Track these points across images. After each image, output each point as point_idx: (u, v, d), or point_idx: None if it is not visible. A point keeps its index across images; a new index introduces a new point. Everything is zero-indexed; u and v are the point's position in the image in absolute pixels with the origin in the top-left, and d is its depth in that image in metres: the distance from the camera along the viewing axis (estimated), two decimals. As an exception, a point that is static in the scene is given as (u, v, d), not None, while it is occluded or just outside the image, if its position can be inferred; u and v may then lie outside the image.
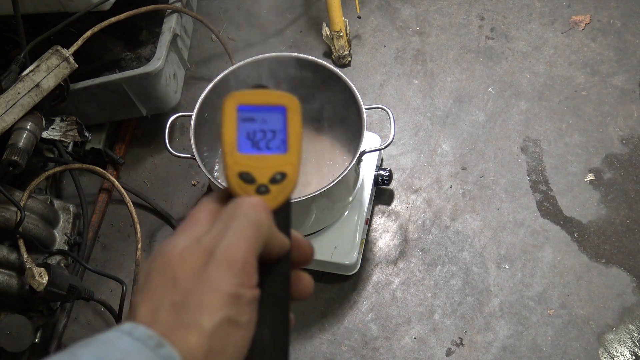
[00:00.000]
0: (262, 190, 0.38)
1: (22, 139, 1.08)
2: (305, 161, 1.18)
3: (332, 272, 1.19)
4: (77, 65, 1.15)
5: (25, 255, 1.10)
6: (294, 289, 0.40)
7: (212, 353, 0.32)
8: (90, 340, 0.31)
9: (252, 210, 0.35)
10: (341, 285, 1.21)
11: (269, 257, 0.37)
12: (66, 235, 1.21)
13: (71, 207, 1.24)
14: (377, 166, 1.22)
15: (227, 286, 0.33)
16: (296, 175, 0.38)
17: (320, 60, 1.11)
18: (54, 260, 1.16)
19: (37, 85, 1.09)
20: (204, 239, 0.35)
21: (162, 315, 0.32)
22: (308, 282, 0.40)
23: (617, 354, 1.10)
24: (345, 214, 1.17)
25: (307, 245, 0.40)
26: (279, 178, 0.38)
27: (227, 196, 0.39)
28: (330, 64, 1.13)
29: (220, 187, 1.04)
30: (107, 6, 1.21)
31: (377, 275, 1.21)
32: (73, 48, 1.16)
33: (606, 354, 1.10)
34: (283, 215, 0.38)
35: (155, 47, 1.28)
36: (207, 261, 0.33)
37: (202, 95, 1.10)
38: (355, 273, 1.19)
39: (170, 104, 1.34)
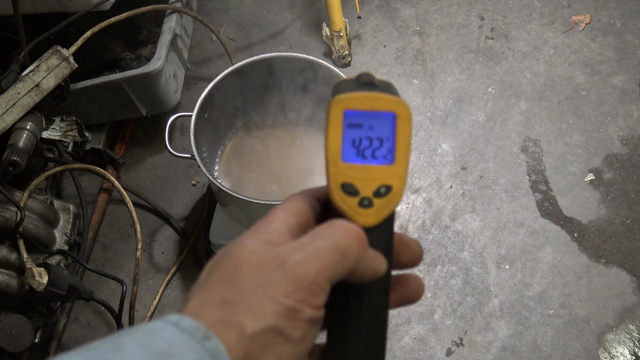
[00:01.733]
0: (365, 204, 0.36)
1: (22, 139, 1.08)
2: (305, 161, 1.18)
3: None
4: (77, 65, 1.15)
5: (25, 255, 1.10)
6: (404, 292, 0.38)
7: (249, 357, 0.30)
8: (135, 329, 0.31)
9: (343, 236, 0.33)
10: (341, 285, 1.21)
11: (360, 280, 0.35)
12: (66, 235, 1.21)
13: (71, 207, 1.24)
14: (377, 166, 1.22)
15: (285, 297, 0.31)
16: (402, 188, 0.36)
17: (320, 60, 1.11)
18: (54, 260, 1.16)
19: (37, 85, 1.09)
20: (280, 248, 0.33)
21: (208, 308, 0.31)
22: (418, 284, 0.38)
23: (617, 354, 1.10)
24: (345, 214, 1.17)
25: (415, 246, 0.38)
26: (383, 191, 0.36)
27: (316, 198, 0.38)
28: (330, 64, 1.13)
29: (220, 186, 1.04)
30: (107, 6, 1.21)
31: (377, 275, 1.21)
32: (73, 48, 1.16)
33: (606, 354, 1.10)
34: (385, 230, 0.36)
35: (155, 47, 1.28)
36: (274, 270, 0.32)
37: (202, 95, 1.10)
38: (355, 273, 1.19)
39: (170, 104, 1.34)
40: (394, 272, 0.38)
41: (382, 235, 0.36)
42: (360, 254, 0.34)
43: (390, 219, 0.36)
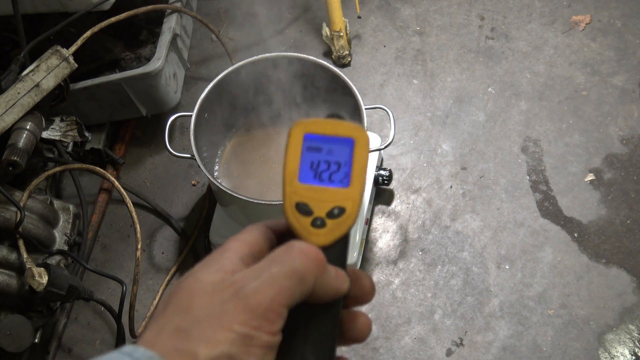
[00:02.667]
0: (317, 224, 0.36)
1: (22, 139, 1.08)
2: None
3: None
4: (77, 65, 1.15)
5: (25, 255, 1.10)
6: (349, 329, 0.38)
7: None
8: None
9: (300, 260, 0.34)
10: (341, 285, 1.21)
11: (318, 300, 0.35)
12: (66, 235, 1.21)
13: (71, 207, 1.24)
14: (377, 166, 1.22)
15: (239, 325, 0.32)
16: (356, 211, 0.37)
17: (320, 60, 1.11)
18: (53, 260, 1.16)
19: (37, 85, 1.09)
20: (234, 276, 0.34)
21: (162, 338, 0.32)
22: (365, 323, 0.38)
23: (617, 354, 1.10)
24: (345, 214, 1.17)
25: (367, 281, 0.38)
26: (337, 213, 0.36)
27: (272, 229, 0.38)
28: (330, 64, 1.13)
29: (220, 186, 1.04)
30: (107, 6, 1.21)
31: (377, 275, 1.21)
32: (73, 48, 1.16)
33: (606, 354, 1.10)
34: (337, 251, 0.37)
35: (155, 47, 1.28)
36: (229, 298, 0.32)
37: (202, 95, 1.10)
38: (355, 273, 1.19)
39: (170, 104, 1.34)
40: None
41: (333, 256, 0.36)
42: (319, 276, 0.34)
43: (343, 240, 0.37)
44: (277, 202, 1.02)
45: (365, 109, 1.06)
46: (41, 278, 1.05)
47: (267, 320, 0.32)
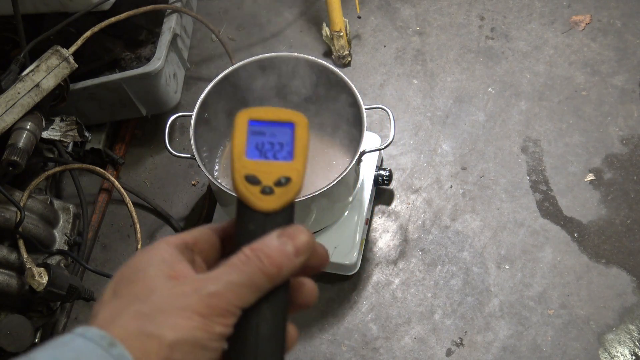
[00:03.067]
0: (266, 191, 0.39)
1: (22, 139, 1.08)
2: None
3: (332, 272, 1.19)
4: (77, 65, 1.15)
5: (25, 255, 1.10)
6: (298, 297, 0.40)
7: None
8: (46, 343, 0.33)
9: (257, 274, 0.36)
10: (341, 285, 1.21)
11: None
12: (66, 235, 1.21)
13: (71, 207, 1.24)
14: (377, 166, 1.22)
15: (199, 316, 0.34)
16: (300, 180, 0.39)
17: (320, 60, 1.11)
18: (54, 260, 1.16)
19: (37, 85, 1.09)
20: (195, 276, 0.36)
21: (122, 321, 0.33)
22: (312, 289, 0.41)
23: (617, 354, 1.10)
24: (345, 214, 1.17)
25: (322, 248, 0.40)
26: (283, 181, 0.39)
27: (215, 229, 0.40)
28: (330, 64, 1.13)
29: (220, 186, 1.04)
30: (107, 6, 1.21)
31: (377, 275, 1.21)
32: (73, 48, 1.16)
33: (606, 354, 1.10)
34: (285, 217, 0.39)
35: (155, 47, 1.28)
36: (190, 294, 0.34)
37: (202, 95, 1.10)
38: (355, 273, 1.19)
39: (170, 104, 1.34)
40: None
41: (282, 221, 0.39)
42: (275, 285, 0.36)
43: (290, 208, 0.39)
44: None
45: (365, 109, 1.06)
46: (41, 278, 1.05)
47: (223, 316, 0.34)
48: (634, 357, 1.09)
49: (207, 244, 0.40)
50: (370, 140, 1.21)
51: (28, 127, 1.10)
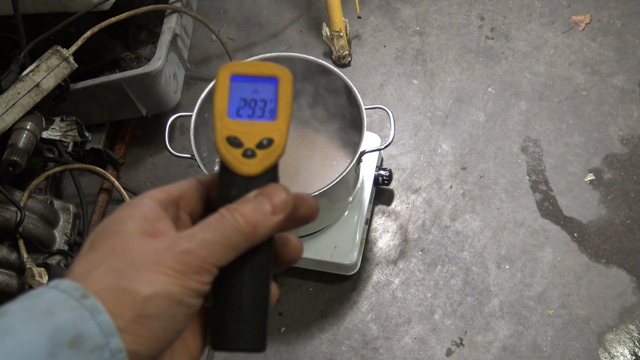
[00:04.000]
0: (248, 154, 0.38)
1: (22, 139, 1.08)
2: (306, 161, 1.18)
3: (332, 272, 1.19)
4: (77, 65, 1.15)
5: (25, 255, 1.10)
6: (283, 253, 0.40)
7: (144, 317, 0.32)
8: (20, 296, 0.33)
9: (232, 233, 0.35)
10: (341, 285, 1.21)
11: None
12: (66, 235, 1.21)
13: (71, 207, 1.24)
14: (377, 166, 1.22)
15: (175, 272, 0.34)
16: (283, 141, 0.39)
17: (320, 60, 1.11)
18: (54, 260, 1.16)
19: (37, 85, 1.09)
20: (169, 234, 0.35)
21: (97, 275, 0.33)
22: (297, 245, 0.40)
23: (617, 354, 1.10)
24: (345, 214, 1.17)
25: (310, 198, 0.40)
26: (265, 143, 0.38)
27: (201, 181, 0.40)
28: (330, 64, 1.13)
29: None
30: (107, 6, 1.21)
31: (377, 275, 1.21)
32: (73, 48, 1.16)
33: (606, 354, 1.10)
34: (268, 179, 0.38)
35: (155, 47, 1.28)
36: (163, 251, 0.34)
37: (202, 95, 1.10)
38: (355, 273, 1.19)
39: (170, 104, 1.34)
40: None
41: (264, 184, 0.38)
42: (252, 244, 0.36)
43: (273, 169, 0.39)
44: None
45: (365, 109, 1.06)
46: (41, 278, 1.05)
47: (198, 274, 0.34)
48: (634, 357, 1.09)
49: (193, 197, 0.40)
50: (370, 140, 1.21)
51: (28, 127, 1.10)
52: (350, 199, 1.16)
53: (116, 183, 1.25)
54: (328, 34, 1.44)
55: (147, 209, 0.37)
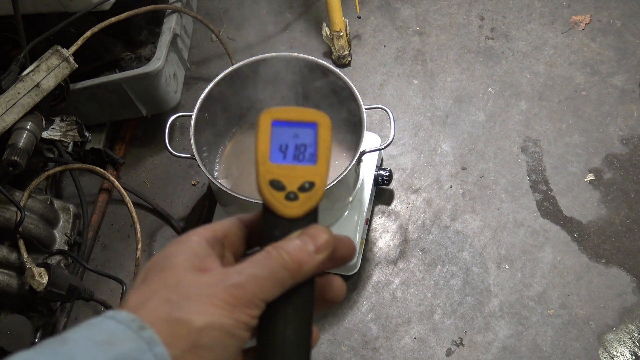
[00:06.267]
0: (290, 197, 0.39)
1: (22, 139, 1.08)
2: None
3: (332, 272, 1.19)
4: (77, 65, 1.15)
5: (25, 255, 1.10)
6: (327, 293, 0.41)
7: (198, 347, 0.34)
8: (77, 325, 0.34)
9: (279, 269, 0.37)
10: (341, 285, 1.21)
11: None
12: (66, 235, 1.21)
13: (71, 207, 1.24)
14: (377, 166, 1.22)
15: (226, 304, 0.35)
16: (324, 184, 0.40)
17: (320, 61, 1.11)
18: (54, 260, 1.16)
19: (37, 85, 1.09)
20: (219, 269, 0.37)
21: (151, 306, 0.35)
22: (340, 285, 0.42)
23: (617, 354, 1.10)
24: (345, 214, 1.17)
25: (348, 240, 0.42)
26: (307, 186, 0.40)
27: (243, 220, 0.41)
28: (330, 64, 1.13)
29: (220, 187, 1.04)
30: (107, 6, 1.21)
31: (377, 275, 1.21)
32: (73, 48, 1.16)
33: (606, 354, 1.10)
34: (309, 221, 0.40)
35: (155, 47, 1.28)
36: (215, 284, 0.36)
37: (202, 95, 1.10)
38: (355, 273, 1.19)
39: (170, 104, 1.34)
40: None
41: (306, 224, 0.40)
42: (297, 281, 0.38)
43: (314, 211, 0.40)
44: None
45: (365, 109, 1.06)
46: (41, 278, 1.05)
47: (248, 307, 0.36)
48: (634, 357, 1.09)
49: (237, 237, 0.41)
50: (370, 140, 1.21)
51: (28, 127, 1.10)
52: (350, 199, 1.16)
53: (116, 183, 1.25)
54: (328, 34, 1.44)
55: (196, 245, 0.38)
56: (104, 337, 0.33)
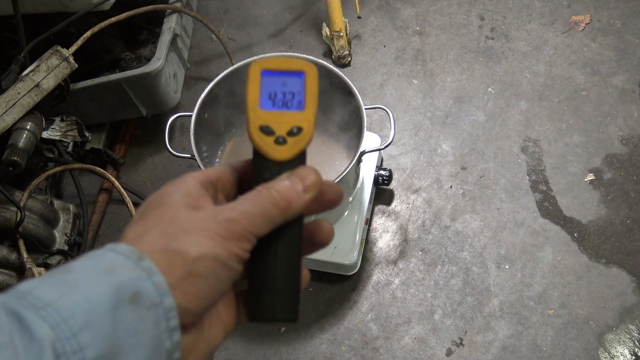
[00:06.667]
0: (280, 141, 0.41)
1: (22, 139, 1.08)
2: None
3: (332, 272, 1.19)
4: (77, 65, 1.15)
5: (25, 255, 1.10)
6: (316, 235, 0.44)
7: (193, 276, 0.36)
8: (80, 256, 0.36)
9: (269, 207, 0.39)
10: (341, 285, 1.21)
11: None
12: (66, 235, 1.21)
13: (71, 207, 1.24)
14: (377, 166, 1.22)
15: (220, 237, 0.37)
16: (311, 129, 0.42)
17: (320, 60, 1.11)
18: (54, 260, 1.16)
19: (37, 85, 1.09)
20: (211, 206, 0.39)
21: (148, 238, 0.37)
22: (329, 229, 0.44)
23: (617, 354, 1.10)
24: (345, 214, 1.17)
25: (335, 185, 0.44)
26: (295, 131, 0.42)
27: (234, 167, 0.43)
28: (330, 64, 1.13)
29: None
30: (107, 6, 1.21)
31: (377, 275, 1.21)
32: (73, 48, 1.16)
33: (606, 354, 1.10)
34: (297, 164, 0.42)
35: (155, 47, 1.28)
36: (209, 219, 0.37)
37: (202, 95, 1.10)
38: (355, 273, 1.19)
39: (170, 104, 1.34)
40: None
41: (295, 167, 0.41)
42: (286, 218, 0.40)
43: (302, 155, 0.42)
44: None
45: (365, 109, 1.06)
46: (41, 278, 1.04)
47: (240, 240, 0.38)
48: (634, 357, 1.09)
49: (229, 181, 0.43)
50: (370, 140, 1.21)
51: (28, 127, 1.10)
52: (350, 199, 1.16)
53: (116, 183, 1.25)
54: (328, 34, 1.44)
55: (190, 186, 0.40)
56: (106, 266, 0.34)
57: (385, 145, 1.07)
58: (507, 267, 1.19)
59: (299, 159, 0.42)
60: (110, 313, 0.33)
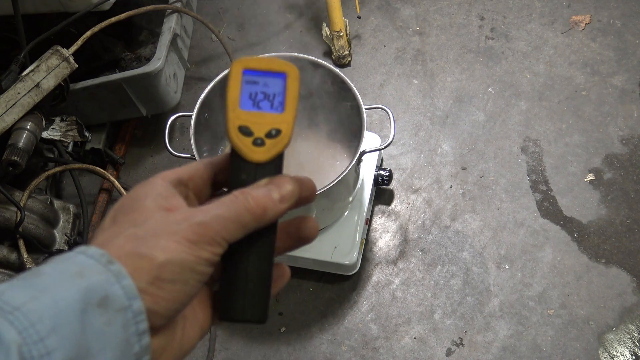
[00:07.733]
0: (258, 143, 0.41)
1: (22, 139, 1.08)
2: (306, 161, 1.18)
3: (332, 272, 1.19)
4: (77, 65, 1.15)
5: (25, 255, 1.10)
6: (300, 231, 0.44)
7: (160, 280, 0.36)
8: (50, 259, 0.36)
9: (243, 213, 0.39)
10: (341, 285, 1.21)
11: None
12: (66, 235, 1.21)
13: (71, 207, 1.24)
14: (377, 166, 1.22)
15: (189, 242, 0.37)
16: (289, 132, 0.42)
17: (320, 60, 1.11)
18: (54, 260, 1.15)
19: (37, 85, 1.09)
20: (185, 209, 0.39)
21: (118, 242, 0.36)
22: (313, 225, 0.44)
23: (617, 354, 1.10)
24: (345, 214, 1.17)
25: (309, 180, 0.44)
26: (274, 133, 0.41)
27: (211, 162, 0.43)
28: (330, 64, 1.13)
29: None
30: (107, 6, 1.21)
31: (377, 275, 1.21)
32: (73, 48, 1.16)
33: (606, 354, 1.10)
34: (275, 166, 0.42)
35: (155, 47, 1.28)
36: (181, 222, 0.37)
37: (202, 95, 1.10)
38: (355, 273, 1.19)
39: (170, 104, 1.34)
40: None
41: (272, 170, 0.42)
42: (260, 225, 0.39)
43: (279, 157, 0.42)
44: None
45: (365, 109, 1.06)
46: (41, 278, 1.04)
47: (211, 245, 0.37)
48: (634, 357, 1.09)
49: (201, 179, 0.43)
50: (370, 140, 1.21)
51: (28, 127, 1.10)
52: (350, 199, 1.16)
53: (116, 183, 1.25)
54: (328, 34, 1.44)
55: (160, 187, 0.40)
56: (75, 270, 0.34)
57: (385, 145, 1.07)
58: (507, 267, 1.19)
59: (276, 162, 0.42)
60: (79, 317, 0.33)
